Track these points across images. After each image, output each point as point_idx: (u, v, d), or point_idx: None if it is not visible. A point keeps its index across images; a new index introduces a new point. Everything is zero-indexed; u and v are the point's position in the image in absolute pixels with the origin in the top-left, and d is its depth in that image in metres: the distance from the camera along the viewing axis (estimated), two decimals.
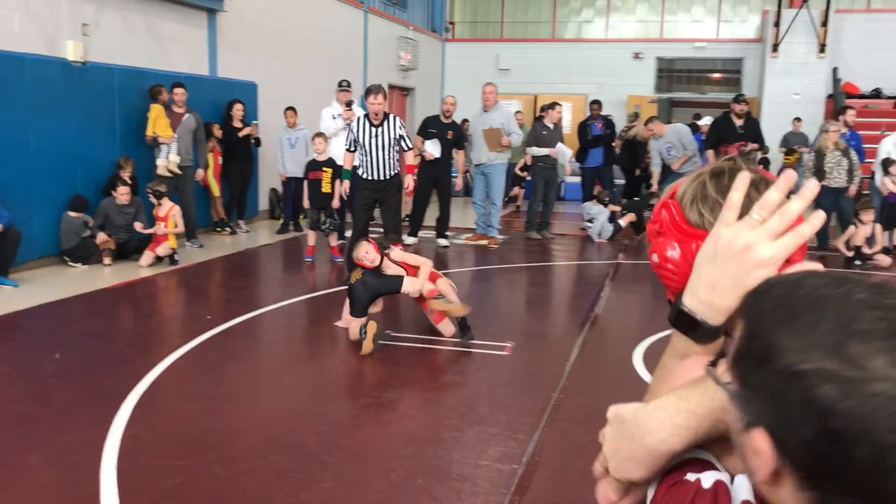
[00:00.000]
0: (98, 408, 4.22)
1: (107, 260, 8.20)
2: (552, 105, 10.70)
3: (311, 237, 8.86)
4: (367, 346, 5.15)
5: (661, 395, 1.06)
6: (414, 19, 18.11)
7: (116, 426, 3.95)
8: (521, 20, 19.71)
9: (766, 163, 14.04)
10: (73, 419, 4.09)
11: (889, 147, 10.50)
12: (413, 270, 5.57)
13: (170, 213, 8.45)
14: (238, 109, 10.40)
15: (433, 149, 9.71)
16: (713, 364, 0.88)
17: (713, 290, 0.97)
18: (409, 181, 7.78)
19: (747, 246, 0.92)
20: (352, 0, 14.95)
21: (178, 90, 9.28)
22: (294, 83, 12.79)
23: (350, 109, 9.41)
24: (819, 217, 0.92)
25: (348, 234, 8.72)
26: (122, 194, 8.30)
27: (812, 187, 0.90)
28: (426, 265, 5.60)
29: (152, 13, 9.68)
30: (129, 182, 8.47)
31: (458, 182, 10.09)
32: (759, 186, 1.03)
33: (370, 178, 7.49)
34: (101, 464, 3.55)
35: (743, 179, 0.96)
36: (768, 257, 0.91)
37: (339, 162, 9.16)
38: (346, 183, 7.59)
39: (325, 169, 8.75)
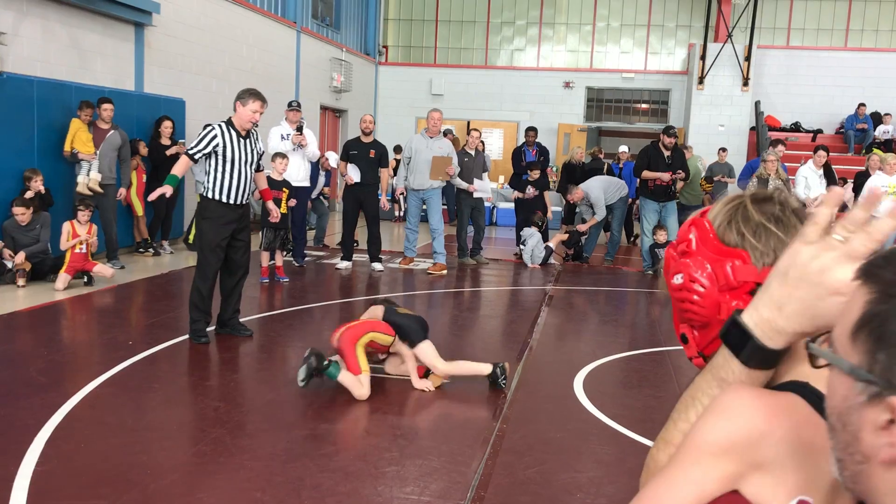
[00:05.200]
0: (7, 442, 3.89)
1: (20, 281, 7.75)
2: (469, 132, 10.98)
3: (265, 258, 8.65)
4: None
5: (688, 419, 1.04)
6: (347, 41, 18.00)
7: (27, 462, 3.64)
8: (454, 46, 19.80)
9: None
10: None
11: (807, 173, 10.81)
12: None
13: (91, 230, 8.10)
14: (167, 127, 10.06)
15: (353, 173, 9.56)
16: (813, 341, 0.82)
17: (779, 311, 0.92)
18: (273, 207, 6.68)
19: (823, 269, 0.86)
20: (284, 19, 14.74)
21: (106, 105, 8.92)
22: (224, 101, 12.47)
23: (301, 133, 9.21)
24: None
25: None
26: (19, 214, 7.87)
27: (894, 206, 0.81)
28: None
29: (75, 24, 9.30)
30: (28, 200, 8.03)
31: (384, 201, 9.91)
32: (802, 215, 1.06)
33: (232, 201, 5.95)
34: None
35: (834, 198, 0.88)
36: (847, 282, 0.81)
37: (293, 182, 9.05)
38: (169, 189, 5.90)
39: (283, 189, 8.61)
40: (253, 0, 13.59)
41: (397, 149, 15.26)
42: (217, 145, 5.89)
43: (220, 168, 5.92)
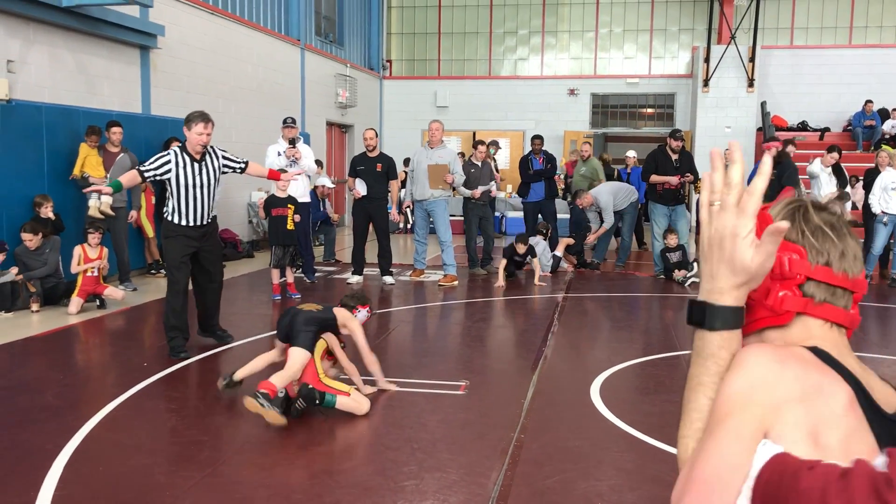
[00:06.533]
0: (26, 468, 3.89)
1: (34, 306, 7.78)
2: (476, 144, 11.01)
3: (275, 275, 8.70)
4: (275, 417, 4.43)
5: (699, 405, 1.17)
6: (351, 57, 18.08)
7: (47, 487, 3.64)
8: (457, 58, 19.86)
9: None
10: None
11: (816, 169, 10.76)
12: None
13: (102, 253, 8.15)
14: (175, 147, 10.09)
15: (360, 187, 9.61)
16: None
17: (713, 278, 1.12)
18: (290, 174, 7.42)
19: (721, 227, 1.10)
20: (288, 37, 14.82)
21: (115, 129, 8.99)
22: (230, 120, 12.55)
23: (294, 147, 9.24)
24: (766, 162, 1.10)
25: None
26: (28, 240, 7.91)
27: (735, 146, 1.16)
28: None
29: (82, 50, 9.37)
30: (38, 223, 8.07)
31: (394, 213, 9.98)
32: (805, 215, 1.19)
33: (190, 223, 6.08)
34: None
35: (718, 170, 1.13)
36: (735, 224, 1.09)
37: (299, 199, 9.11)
38: (108, 189, 6.13)
39: (289, 205, 8.65)
40: (256, 19, 13.68)
41: (406, 162, 15.30)
42: (168, 171, 5.99)
43: (174, 194, 6.05)
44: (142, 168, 6.03)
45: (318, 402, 4.65)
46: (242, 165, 6.48)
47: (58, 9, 8.63)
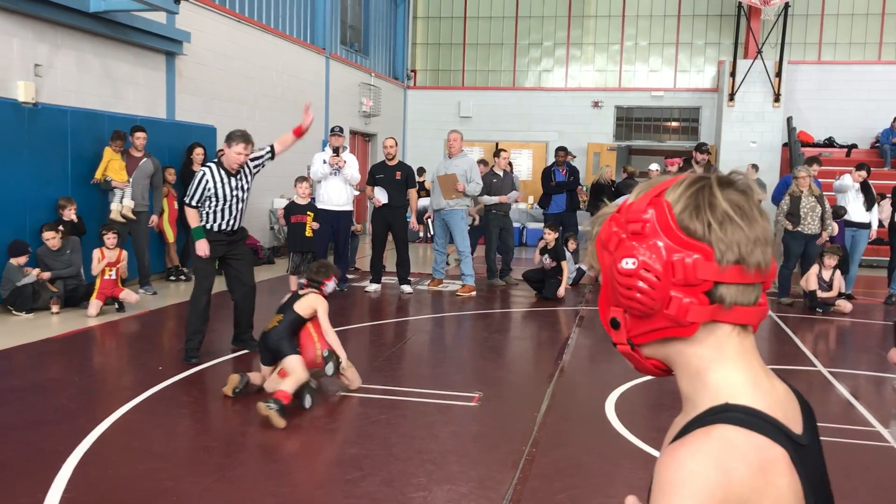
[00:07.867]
0: (35, 469, 3.90)
1: (54, 308, 7.84)
2: (498, 152, 10.91)
3: (293, 282, 8.72)
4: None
5: None
6: (376, 66, 18.14)
7: (55, 489, 3.64)
8: (482, 69, 19.86)
9: None
10: (6, 482, 3.76)
11: (847, 183, 10.58)
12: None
13: (121, 256, 8.19)
14: (198, 153, 10.17)
15: (381, 195, 9.61)
16: None
17: None
18: (307, 121, 7.00)
19: None
20: (314, 46, 14.90)
21: (139, 134, 9.07)
22: (254, 127, 12.58)
23: (337, 155, 9.27)
24: None
25: None
26: (49, 239, 7.98)
27: None
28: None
29: (108, 55, 9.47)
30: (60, 225, 8.14)
31: (413, 222, 9.97)
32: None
33: (221, 229, 6.31)
34: None
35: None
36: None
37: (321, 205, 9.22)
38: (205, 243, 6.15)
39: (308, 213, 8.68)
40: (282, 27, 13.77)
41: (420, 171, 15.32)
42: (209, 190, 6.16)
43: (211, 205, 6.24)
44: (189, 202, 6.18)
45: (338, 359, 5.16)
46: (270, 153, 6.61)
47: (85, 14, 8.73)
